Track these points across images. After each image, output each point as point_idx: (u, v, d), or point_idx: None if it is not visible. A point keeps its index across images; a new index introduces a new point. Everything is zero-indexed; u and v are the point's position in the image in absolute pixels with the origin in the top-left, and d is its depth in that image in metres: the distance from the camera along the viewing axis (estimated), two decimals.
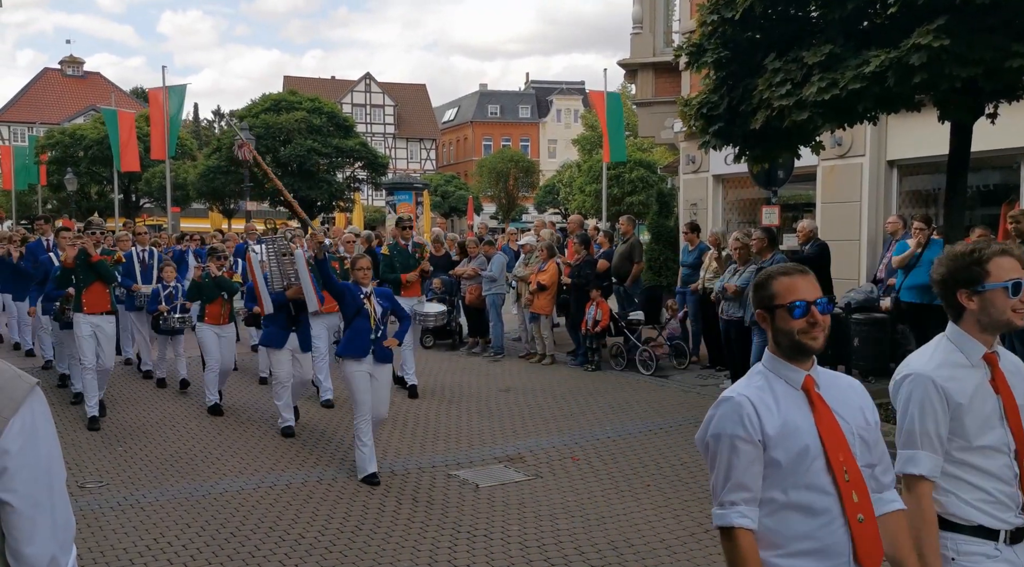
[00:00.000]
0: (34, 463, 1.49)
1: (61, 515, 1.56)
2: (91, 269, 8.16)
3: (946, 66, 5.20)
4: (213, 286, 8.88)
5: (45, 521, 1.51)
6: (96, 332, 8.26)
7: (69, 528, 1.59)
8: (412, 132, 67.88)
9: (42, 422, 1.53)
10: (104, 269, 8.20)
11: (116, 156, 22.82)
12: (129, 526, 5.59)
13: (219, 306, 8.91)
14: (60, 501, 1.55)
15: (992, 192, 11.02)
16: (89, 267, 8.14)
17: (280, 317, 7.89)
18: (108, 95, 35.44)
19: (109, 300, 8.39)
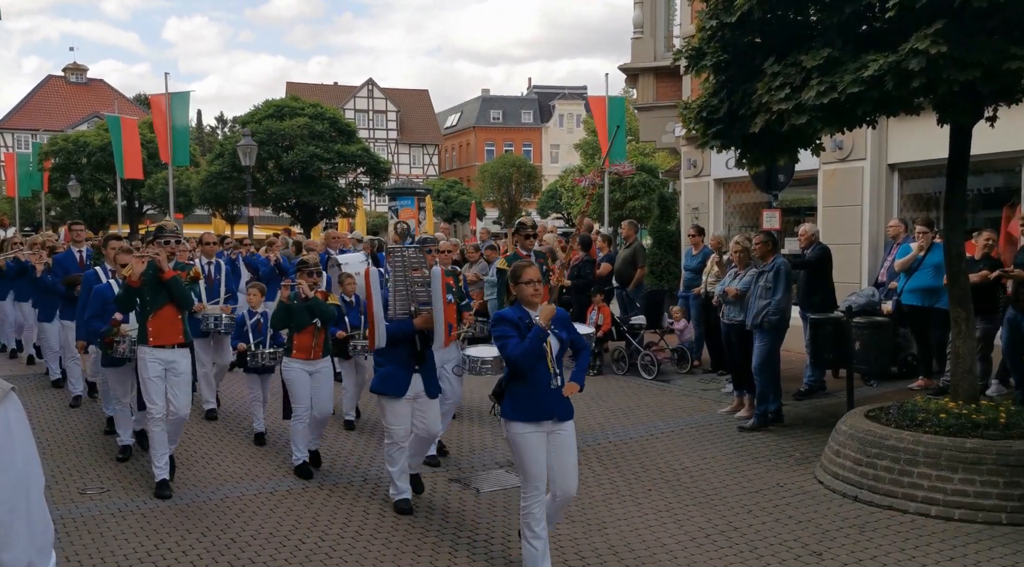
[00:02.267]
0: (9, 469, 1.48)
1: (39, 521, 1.55)
2: (163, 289, 6.37)
3: (944, 70, 5.20)
4: (304, 311, 6.74)
5: (21, 527, 1.50)
6: (167, 370, 6.43)
7: (47, 533, 1.58)
8: (414, 137, 67.97)
9: (18, 427, 1.51)
10: (179, 289, 6.43)
11: (119, 163, 22.87)
12: (130, 532, 5.60)
13: (311, 336, 6.79)
14: (37, 507, 1.54)
15: (993, 195, 11.01)
16: (160, 286, 6.36)
17: (399, 353, 5.82)
18: (111, 102, 35.56)
19: (183, 328, 6.53)
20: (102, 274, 8.01)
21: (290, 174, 32.68)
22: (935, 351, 9.34)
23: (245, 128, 28.06)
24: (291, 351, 6.84)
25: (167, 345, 6.42)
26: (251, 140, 22.49)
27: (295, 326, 6.78)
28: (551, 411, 4.60)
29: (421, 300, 5.77)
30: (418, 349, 5.84)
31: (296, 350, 6.82)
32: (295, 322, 6.76)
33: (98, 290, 7.38)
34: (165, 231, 6.92)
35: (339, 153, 33.13)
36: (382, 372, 5.87)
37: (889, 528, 5.51)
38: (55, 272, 9.59)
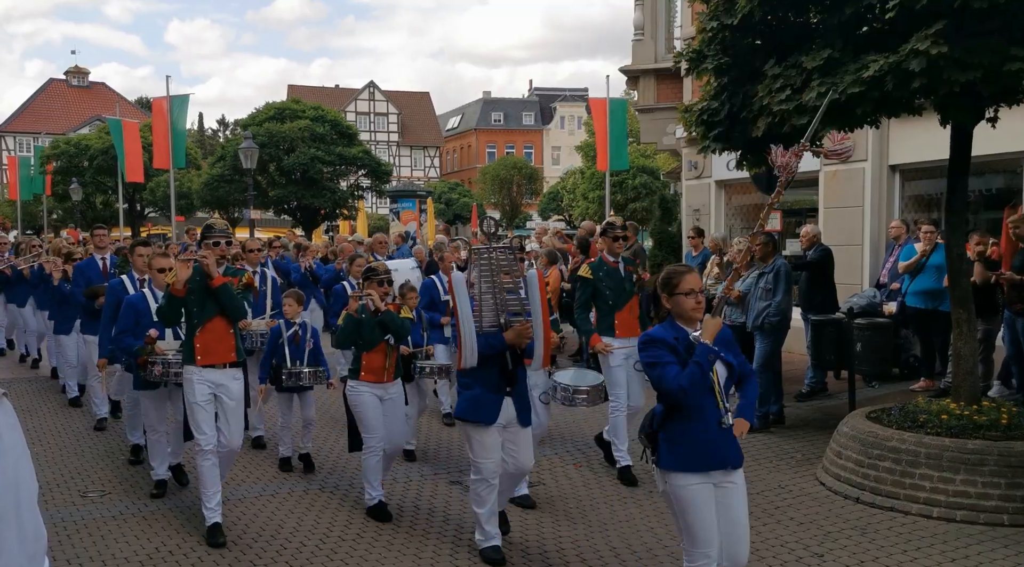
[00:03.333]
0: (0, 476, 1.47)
1: (30, 527, 1.53)
2: (211, 298, 5.49)
3: (945, 71, 5.20)
4: (375, 326, 5.85)
5: (11, 535, 1.48)
6: (218, 394, 5.56)
7: (39, 540, 1.57)
8: (416, 140, 68.03)
9: (8, 433, 1.50)
10: (231, 298, 5.55)
11: (121, 166, 22.90)
12: (131, 535, 5.60)
13: (382, 355, 5.89)
14: (29, 514, 1.53)
15: (995, 196, 11.00)
16: (208, 295, 5.47)
17: (488, 374, 4.88)
18: (113, 105, 35.61)
19: (235, 344, 5.66)
20: (129, 284, 7.18)
21: (291, 177, 32.73)
22: (939, 353, 9.33)
23: (246, 131, 28.08)
24: (359, 373, 5.86)
25: (217, 364, 5.54)
26: (252, 143, 22.52)
27: (364, 344, 5.85)
28: (722, 457, 3.69)
29: (512, 310, 4.91)
30: (509, 368, 4.93)
31: (365, 371, 5.84)
32: (365, 339, 5.84)
33: (130, 301, 6.46)
34: (214, 230, 5.77)
35: (340, 155, 33.17)
36: (468, 396, 4.95)
37: (891, 530, 5.50)
38: (76, 281, 8.65)
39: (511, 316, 4.90)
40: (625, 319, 6.65)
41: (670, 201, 22.48)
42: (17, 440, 1.52)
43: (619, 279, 6.70)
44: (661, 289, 3.89)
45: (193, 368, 5.53)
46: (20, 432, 1.55)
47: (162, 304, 5.61)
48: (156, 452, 6.48)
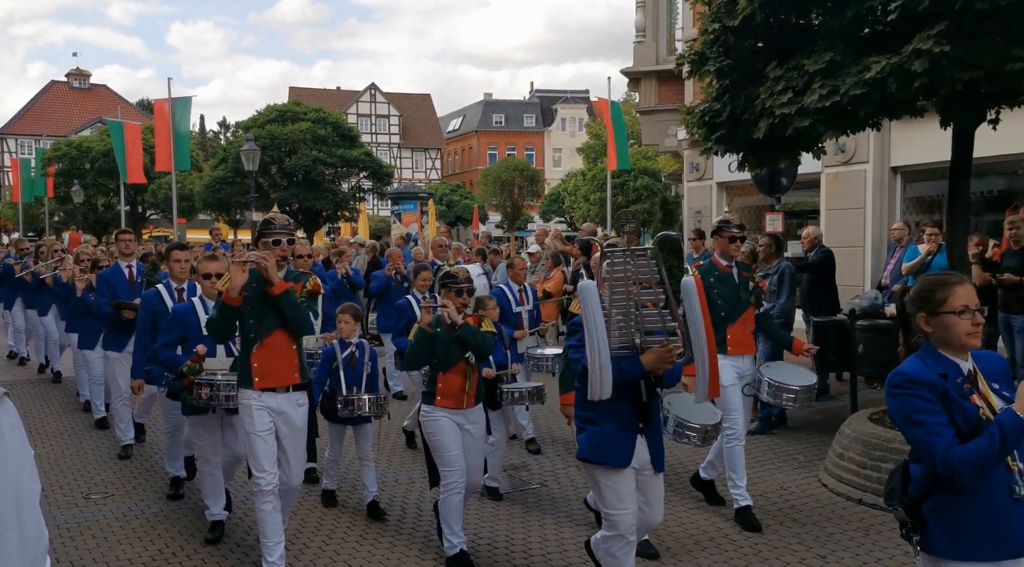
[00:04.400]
0: (0, 477, 1.47)
1: (31, 529, 1.52)
2: (271, 308, 4.64)
3: (947, 70, 5.22)
4: (453, 342, 5.01)
5: (12, 535, 1.48)
6: (279, 424, 4.74)
7: (41, 542, 1.56)
8: (417, 142, 68.07)
9: (10, 433, 1.49)
10: (294, 307, 4.64)
11: (122, 168, 22.94)
12: (134, 536, 5.60)
13: (461, 376, 5.04)
14: (30, 515, 1.52)
15: (997, 197, 11.02)
16: (268, 304, 4.63)
17: (619, 407, 4.03)
18: (114, 107, 35.67)
19: (298, 363, 4.82)
20: (166, 294, 6.36)
21: (293, 178, 32.74)
22: None
23: (248, 133, 28.13)
24: (434, 397, 5.04)
25: (278, 388, 4.70)
26: (254, 145, 22.55)
27: (440, 363, 5.02)
28: (1019, 540, 2.68)
29: (650, 328, 4.05)
30: (643, 400, 4.08)
31: (442, 396, 5.01)
32: (440, 357, 5.01)
33: (179, 312, 5.60)
34: (274, 226, 4.77)
35: (342, 157, 33.18)
36: (595, 433, 4.09)
37: (893, 531, 5.49)
38: (99, 291, 7.85)
39: (649, 336, 4.03)
40: (739, 333, 5.71)
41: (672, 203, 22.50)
42: (19, 440, 1.52)
43: (734, 286, 5.72)
44: (918, 307, 2.87)
45: (250, 392, 4.68)
46: (23, 432, 1.54)
47: (213, 316, 4.69)
48: (209, 489, 5.55)
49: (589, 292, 3.91)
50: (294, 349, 4.78)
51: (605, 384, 3.86)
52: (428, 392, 5.11)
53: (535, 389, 6.21)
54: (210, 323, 4.77)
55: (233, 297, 4.53)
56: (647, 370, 3.98)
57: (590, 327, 3.85)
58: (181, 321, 5.54)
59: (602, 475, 4.08)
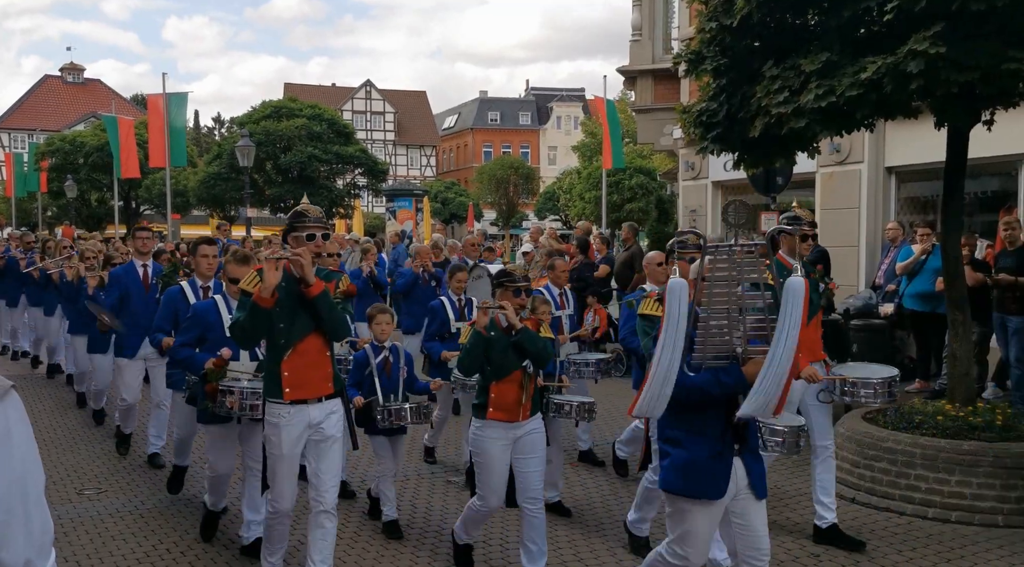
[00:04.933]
0: (7, 469, 1.48)
1: (37, 520, 1.54)
2: (306, 311, 4.18)
3: (943, 72, 5.23)
4: (509, 348, 4.54)
5: (19, 526, 1.50)
6: (312, 440, 4.27)
7: (47, 533, 1.58)
8: (412, 139, 68.00)
9: (17, 426, 1.51)
10: (331, 310, 4.20)
11: (116, 163, 22.86)
12: (127, 532, 5.60)
13: (517, 386, 4.56)
14: (36, 506, 1.54)
15: (991, 198, 11.06)
16: (302, 306, 4.17)
17: (710, 426, 3.53)
18: (108, 102, 35.54)
19: (332, 371, 4.35)
20: (190, 291, 5.92)
21: (288, 175, 32.68)
22: (934, 355, 9.37)
23: (243, 129, 28.07)
24: (485, 409, 4.55)
25: (311, 398, 4.22)
26: (249, 141, 22.50)
27: (495, 371, 4.55)
28: None
29: (755, 334, 3.49)
30: (735, 418, 3.49)
31: (495, 408, 4.53)
32: (495, 365, 4.54)
33: (199, 311, 5.22)
34: (307, 218, 4.26)
35: (337, 154, 33.14)
36: (681, 459, 3.51)
37: (886, 530, 5.53)
38: (108, 290, 7.30)
39: (754, 344, 3.49)
40: (810, 338, 5.11)
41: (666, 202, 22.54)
42: (25, 433, 1.53)
43: None
44: None
45: (279, 407, 4.18)
46: (28, 426, 1.56)
47: (240, 319, 4.11)
48: (215, 489, 5.37)
49: (679, 292, 3.34)
50: (327, 355, 4.30)
51: (659, 402, 3.36)
52: (479, 404, 4.61)
53: (586, 405, 5.45)
54: (236, 327, 4.16)
55: (265, 298, 3.98)
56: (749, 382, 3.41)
57: (667, 334, 3.33)
58: (200, 320, 5.14)
59: (688, 509, 3.53)
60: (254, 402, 4.58)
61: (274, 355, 4.22)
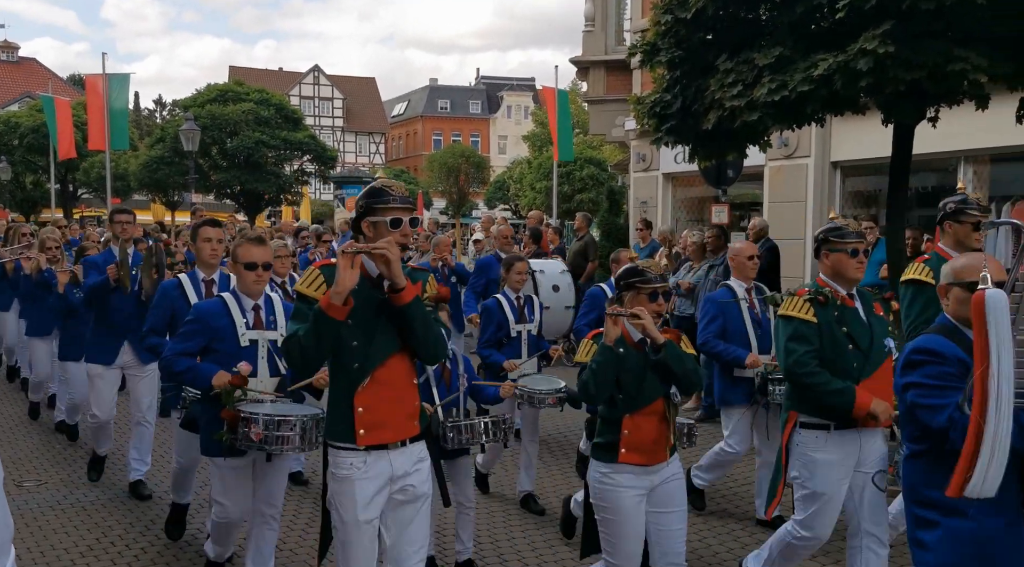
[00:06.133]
0: None
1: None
2: (391, 322, 3.12)
3: (891, 70, 5.36)
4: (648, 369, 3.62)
5: None
6: (393, 500, 3.16)
7: (7, 530, 1.53)
8: (361, 125, 67.20)
9: None
10: (427, 323, 3.16)
11: (54, 144, 22.14)
12: (70, 526, 5.44)
13: (658, 420, 3.63)
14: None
15: (930, 193, 11.39)
16: (388, 318, 3.11)
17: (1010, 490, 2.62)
18: (45, 82, 34.33)
19: (419, 404, 3.26)
20: (190, 285, 4.80)
21: (234, 160, 32.01)
22: None
23: (187, 112, 27.39)
24: (615, 449, 3.57)
25: (392, 443, 3.10)
26: (194, 124, 21.97)
27: (629, 399, 3.57)
28: None
29: None
30: None
31: (629, 448, 3.55)
32: (629, 391, 3.57)
33: (204, 312, 4.10)
34: (390, 196, 3.08)
35: (285, 140, 32.57)
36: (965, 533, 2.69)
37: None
38: (87, 280, 6.01)
39: None
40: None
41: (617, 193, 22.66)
42: None
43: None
44: None
45: (351, 454, 3.07)
46: None
47: (299, 334, 2.97)
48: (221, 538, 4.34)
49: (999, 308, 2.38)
50: (414, 384, 3.21)
51: (994, 474, 2.38)
52: (605, 442, 3.63)
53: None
54: (293, 344, 3.00)
55: (337, 305, 2.89)
56: None
57: (992, 371, 2.36)
58: (205, 325, 4.03)
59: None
60: (285, 433, 3.63)
61: (344, 384, 3.10)
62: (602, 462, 3.65)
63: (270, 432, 3.65)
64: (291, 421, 3.68)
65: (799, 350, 3.75)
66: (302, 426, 3.70)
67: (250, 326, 4.07)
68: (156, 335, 4.81)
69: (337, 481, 3.11)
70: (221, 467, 4.06)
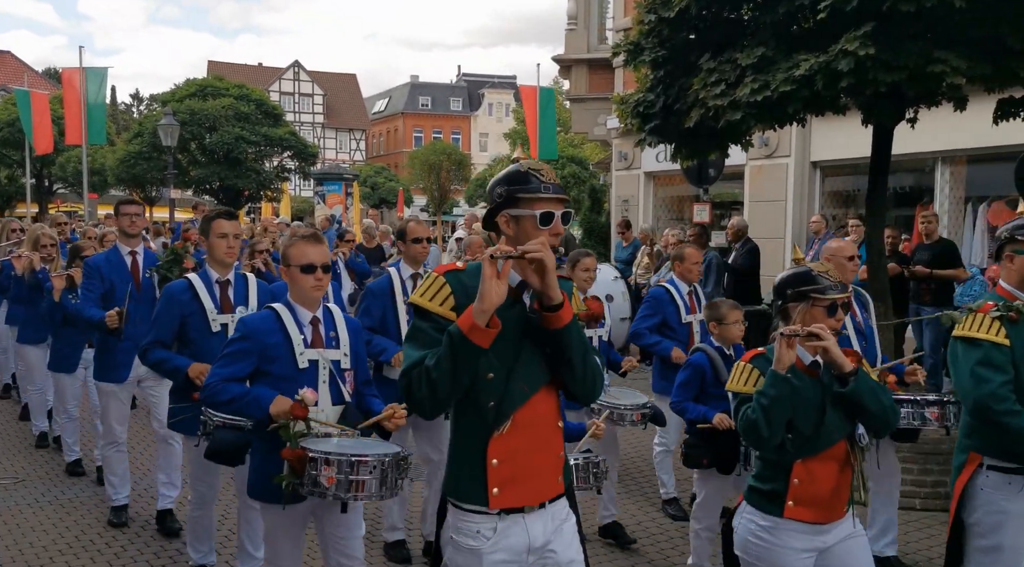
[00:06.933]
0: None
1: None
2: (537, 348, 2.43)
3: (871, 71, 5.41)
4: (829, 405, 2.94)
5: None
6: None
7: None
8: (341, 122, 66.89)
9: None
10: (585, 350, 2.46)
11: (29, 139, 21.83)
12: (48, 523, 5.38)
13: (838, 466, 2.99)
14: None
15: (907, 193, 11.53)
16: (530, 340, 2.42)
17: None
18: (20, 75, 33.80)
19: (564, 455, 2.58)
20: (203, 289, 4.19)
21: (214, 156, 31.74)
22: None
23: (166, 107, 27.12)
24: (779, 501, 2.93)
25: (531, 506, 2.48)
26: (173, 119, 21.76)
27: (801, 440, 2.90)
28: None
29: None
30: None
31: (798, 501, 2.91)
32: (802, 430, 2.88)
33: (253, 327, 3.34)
34: (541, 181, 2.48)
35: (265, 136, 32.34)
36: None
37: None
38: (88, 286, 5.23)
39: None
40: None
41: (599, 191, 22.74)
42: None
43: None
44: None
45: (479, 520, 2.44)
46: None
47: (427, 364, 2.32)
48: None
49: None
50: (559, 428, 2.55)
51: None
52: (767, 490, 2.97)
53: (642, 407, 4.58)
54: (420, 380, 2.32)
55: (479, 326, 2.25)
56: None
57: None
58: (256, 343, 3.29)
59: None
60: (362, 477, 2.95)
61: (473, 428, 2.44)
62: (761, 512, 2.97)
63: (343, 476, 2.94)
64: (369, 462, 2.96)
65: (994, 380, 3.02)
66: (381, 469, 2.98)
67: (308, 343, 3.33)
68: (162, 348, 4.13)
69: (460, 551, 2.45)
70: (272, 514, 3.28)
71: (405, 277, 4.77)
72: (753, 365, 3.05)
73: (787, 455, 2.90)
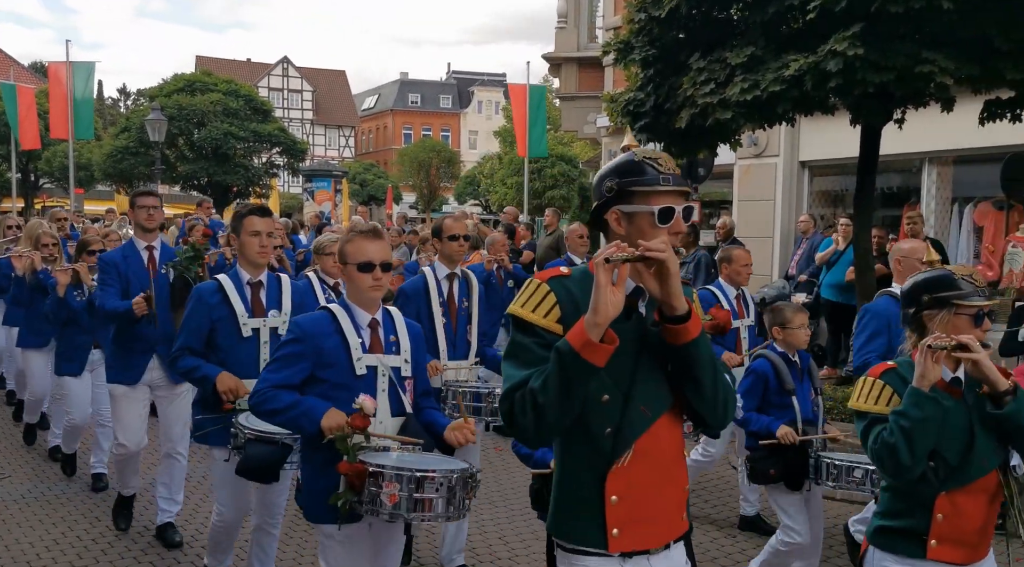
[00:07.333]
0: None
1: None
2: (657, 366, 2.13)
3: (860, 72, 5.46)
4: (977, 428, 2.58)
5: None
6: None
7: None
8: (331, 118, 66.66)
9: None
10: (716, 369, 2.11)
11: (15, 133, 21.68)
12: (35, 519, 5.36)
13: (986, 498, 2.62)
14: None
15: (895, 194, 11.59)
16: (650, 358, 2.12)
17: None
18: (6, 69, 33.52)
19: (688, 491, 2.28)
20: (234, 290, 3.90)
21: (202, 152, 31.60)
22: (844, 343, 9.80)
23: (154, 102, 26.99)
24: (921, 540, 2.58)
25: (655, 548, 2.16)
26: (161, 114, 21.65)
27: (949, 469, 2.56)
28: None
29: None
30: None
31: (942, 538, 2.56)
32: (947, 458, 2.55)
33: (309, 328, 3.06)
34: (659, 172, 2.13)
35: (254, 132, 32.21)
36: None
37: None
38: (104, 285, 4.86)
39: None
40: None
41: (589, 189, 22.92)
42: None
43: None
44: None
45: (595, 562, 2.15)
46: None
47: (533, 386, 2.01)
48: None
49: None
50: (684, 458, 2.26)
51: None
52: (905, 528, 2.60)
53: None
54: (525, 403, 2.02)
55: (595, 342, 1.95)
56: None
57: None
58: (311, 346, 3.02)
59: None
60: (428, 496, 2.70)
61: (587, 459, 2.15)
62: (897, 556, 2.57)
63: (407, 493, 2.66)
64: (436, 479, 2.68)
65: None
66: (448, 487, 2.70)
67: (367, 348, 3.07)
68: (191, 355, 3.81)
69: None
70: (332, 537, 2.97)
71: (440, 277, 4.48)
72: (884, 381, 2.64)
73: (928, 487, 2.51)
